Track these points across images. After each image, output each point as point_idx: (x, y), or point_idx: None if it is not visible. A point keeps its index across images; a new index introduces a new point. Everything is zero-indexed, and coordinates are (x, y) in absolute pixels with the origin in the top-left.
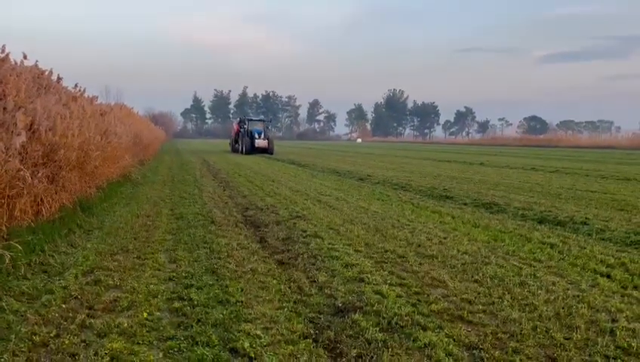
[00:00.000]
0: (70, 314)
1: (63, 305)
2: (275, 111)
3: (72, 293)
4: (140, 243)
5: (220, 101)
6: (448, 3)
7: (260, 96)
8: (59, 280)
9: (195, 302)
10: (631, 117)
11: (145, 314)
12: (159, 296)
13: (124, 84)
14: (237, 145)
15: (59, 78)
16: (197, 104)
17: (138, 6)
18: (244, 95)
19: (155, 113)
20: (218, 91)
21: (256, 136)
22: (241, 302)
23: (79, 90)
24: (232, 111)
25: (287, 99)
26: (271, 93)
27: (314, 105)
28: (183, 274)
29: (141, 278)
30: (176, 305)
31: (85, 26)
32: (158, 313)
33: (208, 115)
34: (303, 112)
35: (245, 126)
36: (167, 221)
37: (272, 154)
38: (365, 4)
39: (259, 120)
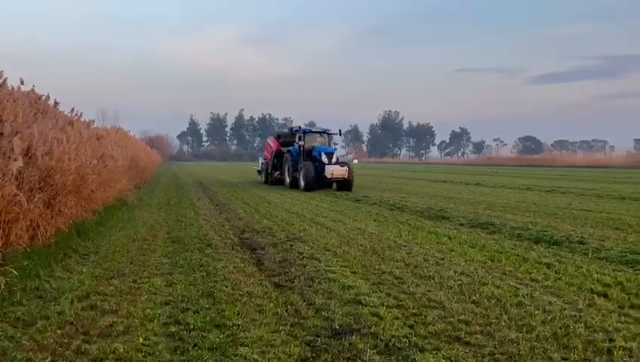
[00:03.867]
0: (65, 340)
1: (59, 331)
2: (271, 134)
3: (68, 319)
4: (136, 267)
5: (216, 124)
6: (442, 25)
7: (257, 119)
8: (54, 305)
9: (192, 326)
10: (624, 136)
11: (141, 339)
12: (155, 321)
13: (120, 106)
14: (278, 174)
15: (56, 103)
16: (193, 127)
17: (137, 29)
18: (240, 117)
19: (151, 136)
20: (214, 114)
21: (326, 159)
22: (238, 325)
23: (76, 115)
24: (228, 134)
25: (283, 121)
26: (267, 116)
27: (310, 127)
28: (180, 298)
29: (137, 303)
30: (173, 329)
31: (85, 49)
32: (155, 337)
33: (204, 138)
34: None
35: (301, 142)
36: (164, 244)
37: (350, 190)
38: (360, 27)
39: (321, 131)
